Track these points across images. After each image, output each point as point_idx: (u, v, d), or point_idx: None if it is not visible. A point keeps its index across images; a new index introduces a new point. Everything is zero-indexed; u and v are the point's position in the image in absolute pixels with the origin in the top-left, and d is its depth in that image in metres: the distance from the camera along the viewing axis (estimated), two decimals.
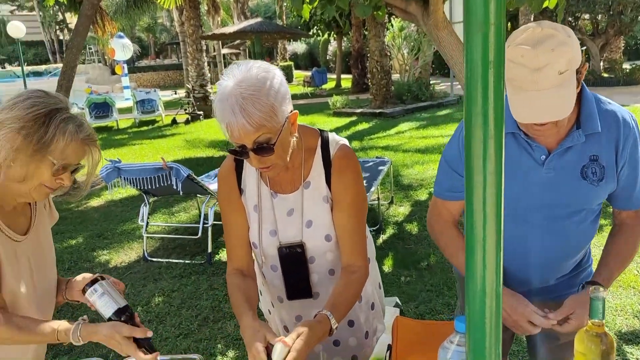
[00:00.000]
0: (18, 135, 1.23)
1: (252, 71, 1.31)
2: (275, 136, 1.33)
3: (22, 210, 1.44)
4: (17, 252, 1.40)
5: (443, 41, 4.61)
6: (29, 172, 1.27)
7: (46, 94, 1.32)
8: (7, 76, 32.29)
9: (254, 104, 1.27)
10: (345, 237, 1.53)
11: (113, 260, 4.86)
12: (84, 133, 1.31)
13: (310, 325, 1.31)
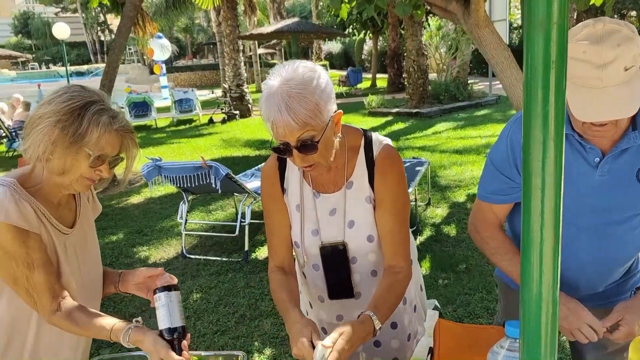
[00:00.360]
0: (55, 129, 1.27)
1: (299, 70, 1.33)
2: (319, 134, 1.33)
3: (67, 204, 1.49)
4: (67, 244, 1.45)
5: (484, 40, 4.52)
6: (66, 165, 1.31)
7: (82, 88, 1.36)
8: (51, 76, 33.47)
9: (299, 102, 1.28)
10: (387, 237, 1.52)
11: (152, 257, 4.97)
12: (119, 124, 1.34)
13: (353, 325, 1.31)
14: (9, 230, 1.27)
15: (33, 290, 1.33)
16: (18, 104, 12.31)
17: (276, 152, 1.40)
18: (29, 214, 1.31)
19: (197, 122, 14.88)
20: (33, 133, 1.29)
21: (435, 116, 12.86)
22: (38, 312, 1.36)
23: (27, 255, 1.31)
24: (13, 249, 1.29)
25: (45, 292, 1.33)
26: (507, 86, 4.58)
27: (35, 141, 1.28)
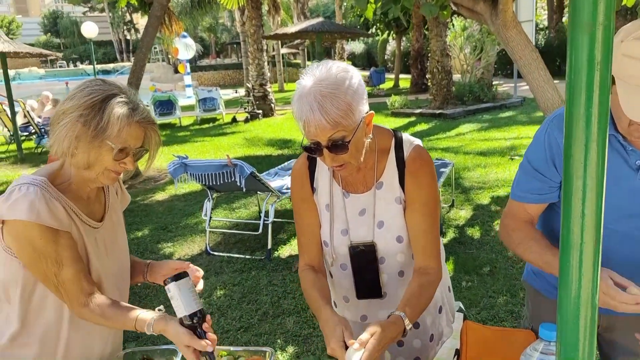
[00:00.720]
0: (77, 123, 1.29)
1: (332, 70, 1.34)
2: (350, 135, 1.34)
3: (96, 197, 1.51)
4: (97, 238, 1.48)
5: (512, 41, 4.47)
6: (91, 158, 1.32)
7: (103, 82, 1.37)
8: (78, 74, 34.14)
9: (332, 101, 1.29)
10: (418, 238, 1.52)
11: (177, 253, 5.03)
12: (140, 115, 1.34)
13: (383, 325, 1.31)
14: (40, 230, 1.30)
15: (62, 286, 1.35)
16: (47, 101, 12.59)
17: (307, 151, 1.41)
18: (59, 213, 1.33)
19: (221, 121, 15.01)
20: (57, 128, 1.31)
21: (458, 117, 12.75)
22: (67, 305, 1.39)
23: (56, 253, 1.33)
24: (43, 248, 1.31)
25: (73, 288, 1.36)
26: (535, 88, 4.52)
27: (60, 136, 1.30)
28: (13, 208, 1.28)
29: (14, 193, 1.30)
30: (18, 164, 10.31)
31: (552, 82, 4.48)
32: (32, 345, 1.42)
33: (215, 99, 15.09)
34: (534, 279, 1.72)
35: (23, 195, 1.29)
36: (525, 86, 17.15)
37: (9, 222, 1.30)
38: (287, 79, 28.94)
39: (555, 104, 4.48)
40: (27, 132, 11.78)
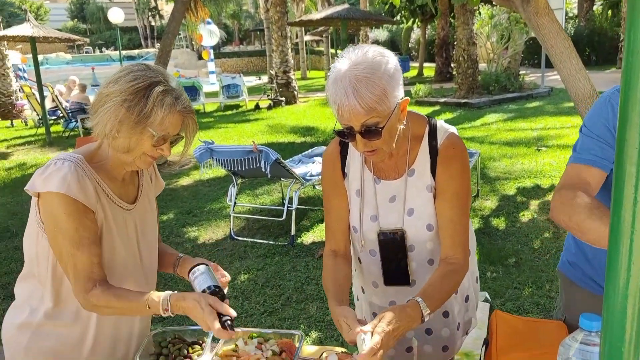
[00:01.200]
0: (121, 108, 1.29)
1: (368, 54, 1.32)
2: (384, 120, 1.33)
3: (130, 180, 1.53)
4: (127, 220, 1.49)
5: (543, 28, 4.38)
6: (131, 143, 1.34)
7: (147, 67, 1.37)
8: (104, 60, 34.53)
9: (367, 86, 1.27)
10: (446, 228, 1.50)
11: (201, 237, 5.09)
12: (182, 105, 1.35)
13: (395, 309, 1.30)
14: (67, 203, 1.31)
15: (72, 268, 1.35)
16: (74, 85, 12.79)
17: (339, 135, 1.40)
18: (89, 191, 1.35)
19: (244, 108, 15.06)
20: (101, 111, 1.32)
21: (484, 107, 12.57)
22: (74, 291, 1.37)
23: (76, 232, 1.33)
24: (65, 224, 1.32)
25: (82, 273, 1.35)
26: (566, 77, 4.43)
27: (103, 119, 1.31)
28: (47, 181, 1.31)
29: (49, 167, 1.34)
30: (46, 147, 10.51)
31: (584, 71, 4.38)
32: (66, 323, 1.45)
33: (238, 85, 15.13)
34: (569, 269, 1.70)
35: (57, 169, 1.32)
36: (553, 76, 16.84)
37: (43, 195, 1.33)
38: (310, 67, 28.85)
39: (587, 93, 4.38)
40: (55, 116, 11.98)
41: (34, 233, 1.41)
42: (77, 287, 1.36)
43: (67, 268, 1.36)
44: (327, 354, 1.42)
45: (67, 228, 1.32)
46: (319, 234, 5.00)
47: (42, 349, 1.45)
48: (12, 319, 1.49)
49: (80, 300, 1.37)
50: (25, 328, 1.45)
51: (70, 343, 1.47)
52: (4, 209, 6.35)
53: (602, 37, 21.55)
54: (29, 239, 1.44)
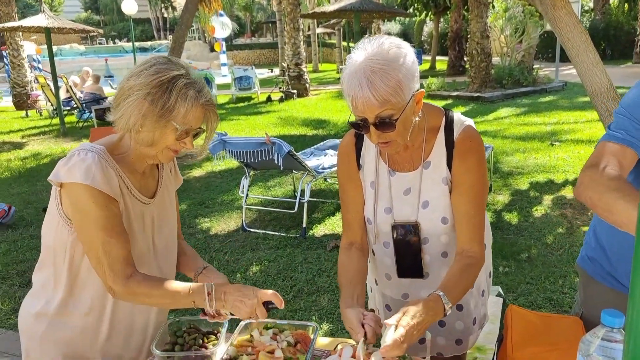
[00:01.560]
0: (145, 102, 1.29)
1: (384, 46, 1.31)
2: (398, 113, 1.32)
3: (150, 173, 1.52)
4: (144, 213, 1.48)
5: (560, 22, 4.32)
6: (155, 137, 1.33)
7: (169, 60, 1.36)
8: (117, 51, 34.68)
9: (381, 78, 1.27)
10: (463, 221, 1.49)
11: (213, 228, 5.12)
12: (204, 98, 1.34)
13: (419, 303, 1.29)
14: (94, 194, 1.31)
15: (107, 256, 1.33)
16: (87, 76, 12.87)
17: (354, 127, 1.40)
18: (113, 182, 1.35)
19: (256, 100, 15.07)
20: (124, 105, 1.32)
21: (497, 101, 12.47)
22: (106, 280, 1.34)
23: (106, 220, 1.33)
24: (94, 213, 1.32)
25: (119, 259, 1.34)
26: (583, 71, 4.37)
27: (127, 113, 1.31)
28: (71, 171, 1.31)
29: (73, 157, 1.33)
30: (60, 137, 10.61)
31: (602, 65, 4.32)
32: (80, 314, 1.45)
33: (250, 77, 15.14)
34: (588, 264, 1.68)
35: (81, 160, 1.32)
36: (567, 70, 16.66)
37: (67, 185, 1.33)
38: (322, 59, 28.76)
39: (603, 88, 4.32)
40: (69, 107, 12.08)
41: (53, 223, 1.41)
42: (115, 274, 1.33)
43: (102, 257, 1.33)
44: (342, 346, 1.43)
45: (98, 217, 1.32)
46: (331, 226, 5.00)
47: (57, 339, 1.46)
48: (29, 308, 1.50)
49: (117, 287, 1.34)
50: (41, 317, 1.46)
51: (85, 333, 1.47)
52: (20, 198, 6.42)
53: (618, 31, 21.24)
54: (48, 229, 1.44)
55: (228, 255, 4.45)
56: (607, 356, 0.97)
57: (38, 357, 1.49)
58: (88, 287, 1.44)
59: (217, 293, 1.36)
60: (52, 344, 1.46)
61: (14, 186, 7.09)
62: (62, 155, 8.83)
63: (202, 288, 1.36)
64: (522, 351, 1.52)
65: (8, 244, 4.94)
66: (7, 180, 7.48)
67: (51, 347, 1.47)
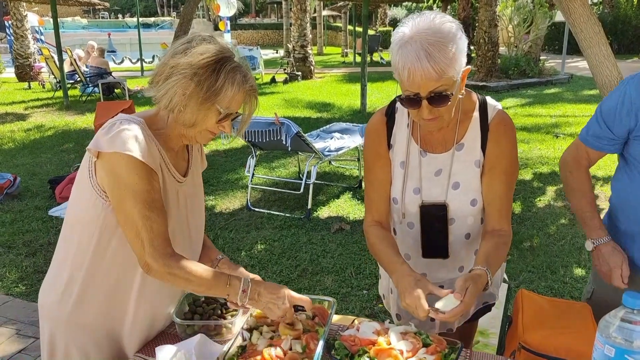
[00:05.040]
0: (191, 82, 1.25)
1: (436, 20, 1.31)
2: (452, 87, 1.32)
3: (181, 153, 1.49)
4: (179, 192, 1.44)
5: (573, 12, 4.30)
6: (198, 119, 1.30)
7: (214, 40, 1.32)
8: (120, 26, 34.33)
9: (439, 50, 1.26)
10: (495, 202, 1.52)
11: (218, 206, 5.15)
12: (249, 84, 1.33)
13: (474, 279, 1.32)
14: (137, 165, 1.25)
15: (148, 231, 1.27)
16: (92, 50, 12.78)
17: (403, 102, 1.38)
18: (155, 154, 1.31)
19: (260, 81, 15.00)
20: (167, 83, 1.27)
21: (502, 91, 12.44)
22: (143, 256, 1.28)
23: (148, 194, 1.27)
24: (137, 185, 1.26)
25: (160, 235, 1.29)
26: (594, 63, 4.36)
27: (170, 92, 1.27)
28: (113, 141, 1.25)
29: (114, 127, 1.28)
30: (64, 110, 10.58)
31: (613, 58, 4.32)
32: (104, 297, 1.41)
33: (255, 58, 15.03)
34: None
35: (124, 129, 1.26)
36: (573, 63, 16.58)
37: (106, 156, 1.26)
38: (327, 42, 28.55)
39: (614, 81, 4.32)
40: (72, 80, 12.02)
41: (84, 197, 1.34)
42: (155, 250, 1.27)
43: (140, 232, 1.27)
44: (359, 321, 1.46)
45: (140, 190, 1.26)
46: (335, 209, 5.03)
47: (83, 323, 1.41)
48: (50, 292, 1.44)
49: (156, 265, 1.28)
50: (63, 303, 1.40)
51: (111, 317, 1.44)
52: (24, 169, 6.44)
53: (626, 25, 21.08)
54: (76, 204, 1.38)
55: (233, 233, 4.49)
56: (627, 337, 1.00)
57: (65, 343, 1.44)
58: (113, 269, 1.39)
59: (252, 292, 1.35)
60: (78, 328, 1.42)
61: (18, 157, 7.10)
62: (66, 128, 8.86)
63: (239, 284, 1.35)
64: (532, 333, 1.56)
65: (14, 214, 4.97)
66: (11, 151, 7.49)
67: (78, 332, 1.42)
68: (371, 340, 1.34)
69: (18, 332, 3.12)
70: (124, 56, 21.01)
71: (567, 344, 1.49)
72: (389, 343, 1.31)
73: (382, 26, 28.40)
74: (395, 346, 1.29)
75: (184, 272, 1.30)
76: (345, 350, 1.33)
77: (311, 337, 1.37)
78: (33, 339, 3.05)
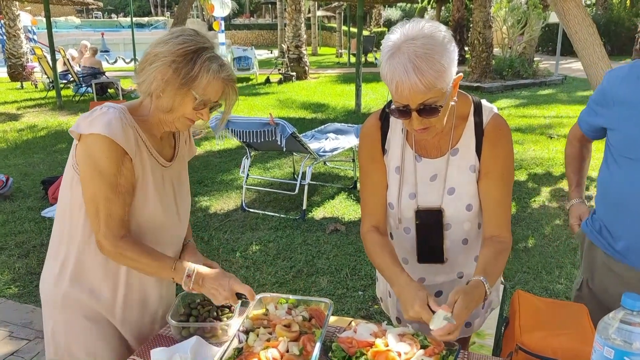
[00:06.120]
0: (169, 69, 1.33)
1: (425, 29, 1.28)
2: (442, 98, 1.30)
3: (167, 140, 1.57)
4: (164, 176, 1.52)
5: (568, 14, 4.32)
6: (174, 104, 1.38)
7: (196, 33, 1.40)
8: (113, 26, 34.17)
9: (427, 62, 1.23)
10: (492, 208, 1.50)
11: (213, 207, 5.13)
12: (225, 73, 1.39)
13: (466, 290, 1.31)
14: (110, 146, 1.34)
15: (106, 211, 1.37)
16: (85, 49, 12.71)
17: (394, 114, 1.37)
18: (130, 138, 1.39)
19: (254, 81, 14.98)
20: (148, 70, 1.35)
21: (496, 92, 12.48)
22: (97, 234, 1.39)
23: (114, 177, 1.37)
24: (105, 167, 1.35)
25: (116, 217, 1.39)
26: (588, 64, 4.38)
27: (150, 77, 1.35)
28: (92, 123, 1.35)
29: (95, 112, 1.38)
30: (57, 110, 10.51)
31: (607, 59, 4.33)
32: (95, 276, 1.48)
33: (249, 58, 15.03)
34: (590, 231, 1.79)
35: (103, 114, 1.37)
36: (566, 64, 16.65)
37: (85, 137, 1.37)
38: (321, 43, 28.54)
39: None
40: (65, 80, 11.94)
41: (68, 180, 1.45)
42: (108, 230, 1.38)
43: (99, 211, 1.38)
44: (356, 323, 1.45)
45: (107, 173, 1.36)
46: (330, 210, 5.02)
47: (78, 301, 1.48)
48: (48, 274, 1.52)
49: (107, 244, 1.39)
50: (60, 280, 1.48)
51: (103, 300, 1.49)
52: (16, 170, 6.38)
53: (618, 26, 21.21)
54: (64, 187, 1.47)
55: (228, 234, 4.47)
56: (626, 339, 1.00)
57: (61, 321, 1.51)
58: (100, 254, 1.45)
59: (197, 277, 1.45)
60: (73, 307, 1.49)
61: (10, 158, 7.04)
62: (59, 128, 8.80)
63: (184, 269, 1.45)
64: (530, 334, 1.55)
65: (6, 215, 4.92)
66: (3, 151, 7.43)
67: (73, 310, 1.49)
68: (369, 342, 1.33)
69: (11, 335, 3.09)
70: (117, 56, 20.90)
71: (564, 345, 1.48)
72: (387, 345, 1.30)
73: (376, 27, 28.44)
74: (393, 348, 1.28)
75: (132, 254, 1.41)
76: (342, 352, 1.32)
77: (308, 339, 1.35)
78: (26, 340, 3.02)
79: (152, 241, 1.49)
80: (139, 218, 1.46)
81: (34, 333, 3.09)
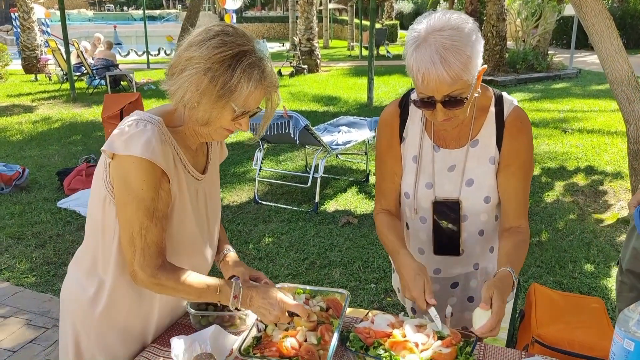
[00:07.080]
0: (204, 77, 1.18)
1: (452, 21, 1.27)
2: (468, 90, 1.30)
3: (200, 149, 1.44)
4: (198, 190, 1.41)
5: (585, 6, 4.26)
6: (211, 117, 1.24)
7: (235, 31, 1.23)
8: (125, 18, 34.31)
9: (454, 54, 1.23)
10: (512, 199, 1.50)
11: (225, 199, 5.16)
12: (267, 80, 1.25)
13: (496, 284, 1.31)
14: (148, 169, 1.22)
15: (142, 239, 1.25)
16: (99, 42, 12.79)
17: (419, 105, 1.36)
18: (169, 158, 1.27)
19: None
20: (180, 77, 1.21)
21: (509, 85, 12.37)
22: (132, 263, 1.26)
23: (152, 202, 1.24)
24: (142, 192, 1.23)
25: (154, 245, 1.26)
26: (605, 58, 4.33)
27: (183, 87, 1.21)
28: (128, 143, 1.21)
29: (131, 128, 1.23)
30: (70, 102, 10.60)
31: (624, 52, 4.28)
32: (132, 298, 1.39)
33: None
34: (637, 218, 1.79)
35: (140, 132, 1.22)
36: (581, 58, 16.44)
37: (118, 157, 1.23)
38: (332, 36, 28.46)
39: (625, 76, 4.29)
40: (79, 72, 12.03)
41: (100, 198, 1.31)
42: (145, 260, 1.26)
43: (135, 239, 1.25)
44: (373, 314, 1.46)
45: (143, 197, 1.23)
46: (342, 202, 5.03)
47: (114, 323, 1.40)
48: (79, 292, 1.39)
49: (143, 274, 1.26)
50: (96, 304, 1.37)
51: (141, 315, 1.44)
52: (32, 161, 6.46)
53: (635, 19, 20.90)
54: (95, 206, 1.34)
55: (241, 226, 4.50)
56: None
57: (93, 343, 1.41)
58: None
59: (244, 297, 1.34)
60: (109, 329, 1.40)
61: (26, 149, 7.12)
62: (73, 120, 8.89)
63: (229, 290, 1.34)
64: (546, 328, 1.56)
65: (23, 206, 4.99)
66: (19, 142, 7.52)
67: (108, 332, 1.40)
68: (386, 332, 1.34)
69: (29, 323, 3.15)
70: (129, 49, 21.00)
71: (581, 338, 1.49)
72: (404, 335, 1.31)
73: (388, 20, 28.28)
74: (411, 339, 1.30)
75: (172, 282, 1.30)
76: (360, 342, 1.33)
77: (326, 328, 1.37)
78: (44, 329, 3.08)
79: (184, 260, 1.39)
80: (174, 238, 1.36)
81: (51, 322, 3.15)
